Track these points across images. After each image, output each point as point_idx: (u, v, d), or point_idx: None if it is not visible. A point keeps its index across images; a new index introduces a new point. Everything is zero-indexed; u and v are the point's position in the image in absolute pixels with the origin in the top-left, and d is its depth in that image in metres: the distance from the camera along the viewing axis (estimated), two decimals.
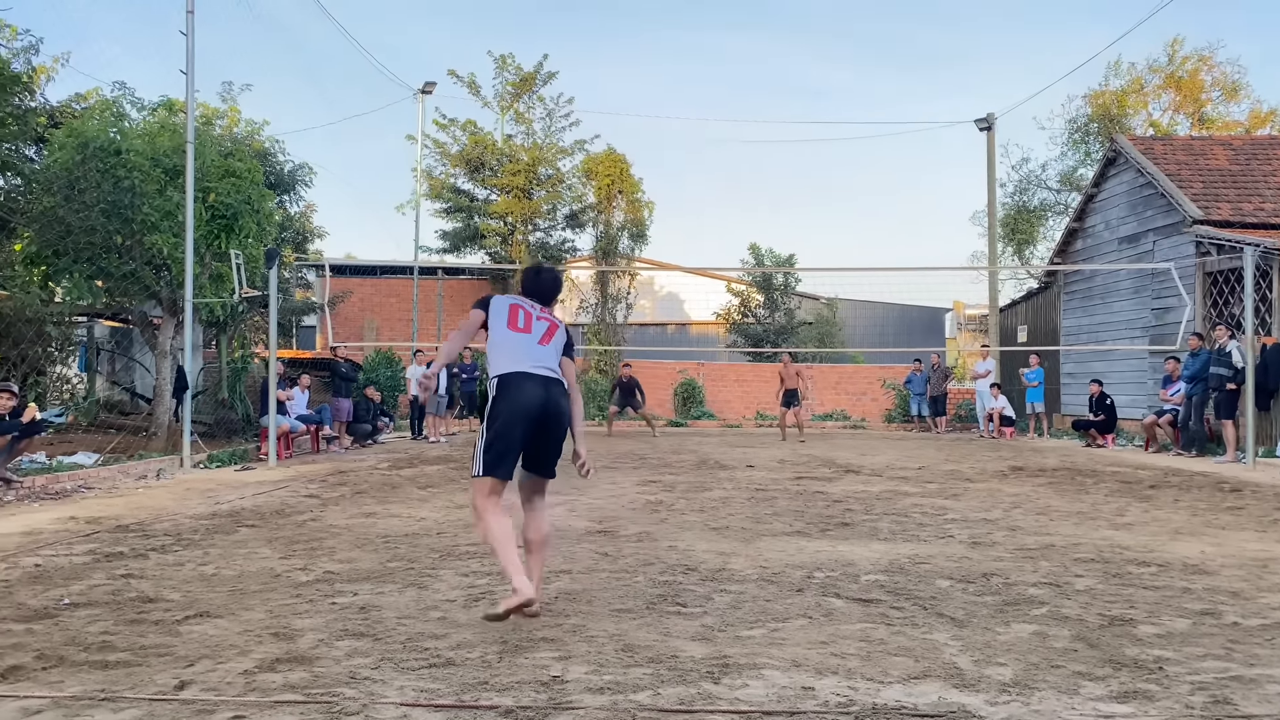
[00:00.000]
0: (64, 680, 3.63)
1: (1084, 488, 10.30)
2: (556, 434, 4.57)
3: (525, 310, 4.69)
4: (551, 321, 4.74)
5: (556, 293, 4.94)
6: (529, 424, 4.44)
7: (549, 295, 4.88)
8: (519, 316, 4.64)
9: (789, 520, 7.76)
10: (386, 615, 4.61)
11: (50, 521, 7.65)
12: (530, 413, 4.43)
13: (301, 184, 19.53)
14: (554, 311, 4.91)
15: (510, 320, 4.61)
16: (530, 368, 4.50)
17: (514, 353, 4.53)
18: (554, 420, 4.52)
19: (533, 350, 4.56)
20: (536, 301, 4.80)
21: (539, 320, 4.68)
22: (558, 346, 4.68)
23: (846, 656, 3.94)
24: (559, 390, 4.54)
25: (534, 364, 4.52)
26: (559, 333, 4.73)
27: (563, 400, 4.55)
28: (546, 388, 4.50)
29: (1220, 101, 30.26)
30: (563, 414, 4.54)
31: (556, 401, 4.51)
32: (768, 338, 29.17)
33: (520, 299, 4.75)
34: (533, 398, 4.44)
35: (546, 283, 4.91)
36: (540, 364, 4.54)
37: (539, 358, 4.55)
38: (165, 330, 14.68)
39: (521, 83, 26.77)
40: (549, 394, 4.49)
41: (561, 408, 4.53)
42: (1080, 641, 4.18)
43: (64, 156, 12.88)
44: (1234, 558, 6.19)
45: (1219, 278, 16.74)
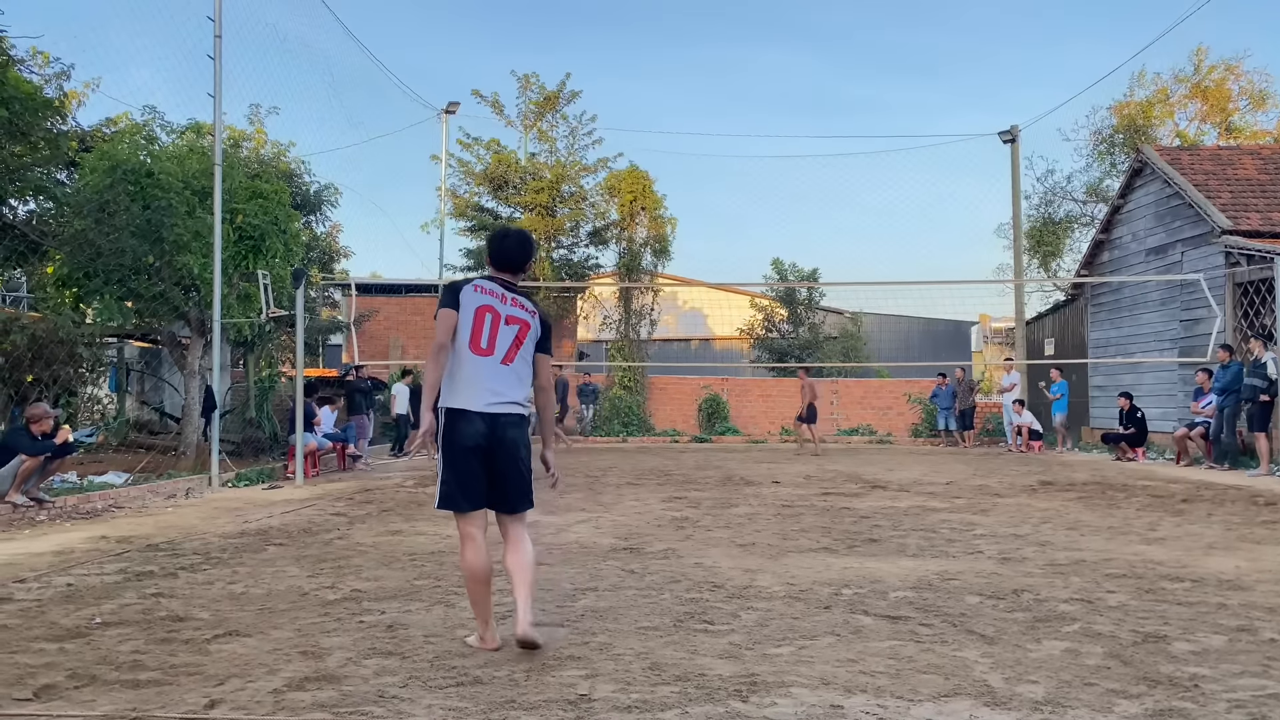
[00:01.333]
0: (96, 699, 3.66)
1: (1114, 502, 10.18)
2: (507, 469, 4.26)
3: (494, 312, 4.30)
4: (523, 321, 4.35)
5: (528, 257, 4.54)
6: (475, 459, 4.21)
7: (520, 261, 4.49)
8: (484, 326, 4.27)
9: (816, 536, 7.71)
10: (414, 634, 4.61)
11: (81, 541, 7.73)
12: (473, 450, 4.20)
13: (327, 204, 19.73)
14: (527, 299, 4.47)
15: (475, 333, 4.25)
16: (477, 405, 4.20)
17: (468, 382, 4.23)
18: (501, 455, 4.24)
19: (489, 378, 4.24)
20: (508, 272, 4.45)
21: (507, 325, 4.30)
22: (526, 356, 4.34)
23: (875, 674, 3.91)
24: (507, 423, 4.24)
25: (485, 398, 4.21)
26: (530, 335, 4.36)
27: (510, 432, 4.24)
28: (492, 425, 4.20)
29: (1248, 110, 29.95)
30: (512, 446, 4.25)
31: (502, 437, 4.22)
32: (792, 352, 29.09)
33: (491, 287, 4.35)
34: (474, 435, 4.19)
35: (514, 247, 4.49)
36: (493, 396, 4.23)
37: (494, 387, 4.23)
38: (194, 350, 14.84)
39: (545, 101, 26.93)
40: (494, 430, 4.20)
41: (507, 441, 4.23)
42: (1113, 659, 4.12)
43: (95, 180, 13.08)
44: (1270, 573, 6.09)
45: (1249, 288, 16.54)
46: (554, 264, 26.40)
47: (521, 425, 4.31)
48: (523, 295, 4.44)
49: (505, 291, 4.38)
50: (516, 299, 4.40)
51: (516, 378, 4.31)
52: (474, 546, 4.30)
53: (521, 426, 4.31)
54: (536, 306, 4.47)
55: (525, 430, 4.35)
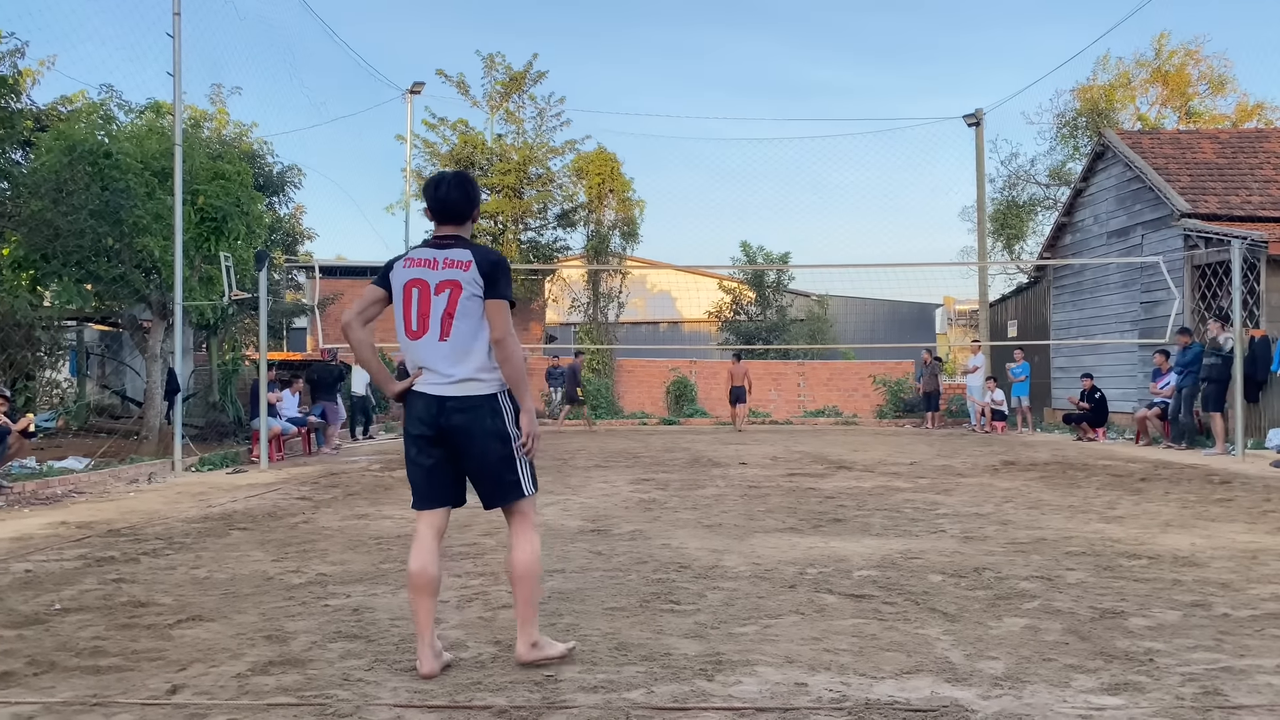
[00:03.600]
0: (55, 686, 3.62)
1: (1075, 481, 10.34)
2: (467, 458, 3.78)
3: (421, 285, 3.74)
4: (453, 282, 3.71)
5: (469, 201, 3.87)
6: (424, 449, 3.80)
7: (461, 207, 3.85)
8: (412, 304, 3.75)
9: (781, 517, 7.77)
10: (380, 617, 4.60)
11: (41, 527, 7.63)
12: (421, 438, 3.78)
13: (291, 186, 19.50)
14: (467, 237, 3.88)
15: (405, 314, 3.77)
16: (424, 387, 3.77)
17: (414, 365, 3.82)
18: (456, 443, 3.76)
19: (429, 360, 3.76)
20: (451, 224, 3.85)
21: (437, 294, 3.71)
22: (467, 320, 3.72)
23: (839, 652, 3.95)
24: (455, 407, 3.72)
25: (428, 380, 3.77)
26: (463, 294, 3.71)
27: (458, 417, 3.72)
28: (439, 410, 3.73)
29: (1207, 95, 30.39)
30: (464, 431, 3.73)
31: (451, 423, 3.72)
32: (760, 335, 29.21)
33: (422, 255, 3.77)
34: (420, 422, 3.77)
35: (451, 193, 3.84)
36: (437, 377, 3.75)
37: (436, 368, 3.75)
38: (155, 333, 14.63)
39: (511, 82, 26.75)
40: (440, 415, 3.73)
41: (459, 426, 3.72)
42: (1071, 634, 4.20)
43: (51, 160, 12.83)
44: (1224, 549, 6.22)
45: (1207, 270, 16.81)
46: (521, 246, 26.29)
47: (476, 407, 3.73)
48: (460, 247, 3.78)
49: (438, 253, 3.76)
50: (449, 257, 3.75)
51: (461, 351, 3.72)
52: (415, 546, 3.82)
53: (476, 409, 3.73)
54: (475, 253, 3.75)
55: (483, 412, 3.74)
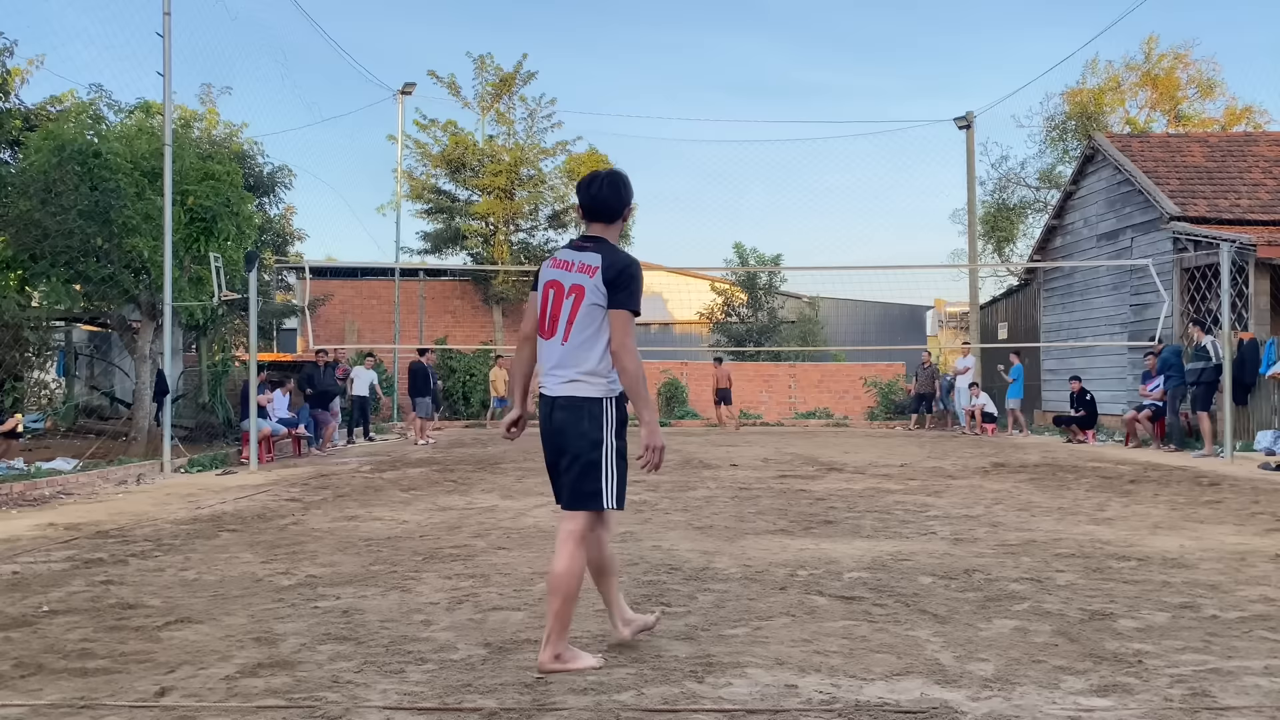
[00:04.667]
0: (43, 688, 3.60)
1: (1065, 483, 10.37)
2: (564, 454, 3.82)
3: (557, 286, 3.82)
4: (578, 287, 3.76)
5: (619, 203, 3.90)
6: (545, 446, 3.92)
7: (608, 209, 3.89)
8: (547, 306, 3.85)
9: (772, 519, 7.77)
10: (369, 619, 4.59)
11: (28, 528, 7.59)
12: (544, 433, 3.90)
13: (281, 186, 19.45)
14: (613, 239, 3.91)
15: (540, 315, 3.88)
16: (545, 388, 3.89)
17: (541, 364, 3.92)
18: (557, 441, 3.84)
19: (550, 360, 3.85)
20: (600, 222, 3.90)
21: (567, 297, 3.78)
22: (586, 326, 3.75)
23: (829, 654, 3.95)
24: (559, 405, 3.81)
25: (549, 381, 3.86)
26: (586, 299, 3.74)
27: (558, 415, 3.81)
28: (550, 409, 3.85)
29: (1196, 99, 30.52)
30: (558, 432, 3.81)
31: (553, 421, 3.83)
32: (751, 337, 29.23)
33: (564, 256, 3.85)
34: (543, 419, 3.91)
35: (600, 196, 3.88)
36: (555, 376, 3.84)
37: (556, 368, 3.83)
38: (144, 334, 14.58)
39: (501, 83, 26.73)
40: (550, 414, 3.85)
41: (555, 425, 3.82)
42: (1061, 636, 4.21)
43: (40, 159, 12.78)
44: (1212, 551, 6.25)
45: (1196, 273, 16.89)
46: (513, 248, 26.26)
47: (576, 408, 3.76)
48: (595, 250, 3.80)
49: (576, 256, 3.82)
50: (583, 261, 3.79)
51: (577, 355, 3.77)
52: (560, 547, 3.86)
53: (576, 409, 3.76)
54: (604, 258, 3.76)
55: (581, 413, 3.76)
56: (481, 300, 26.76)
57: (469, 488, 10.26)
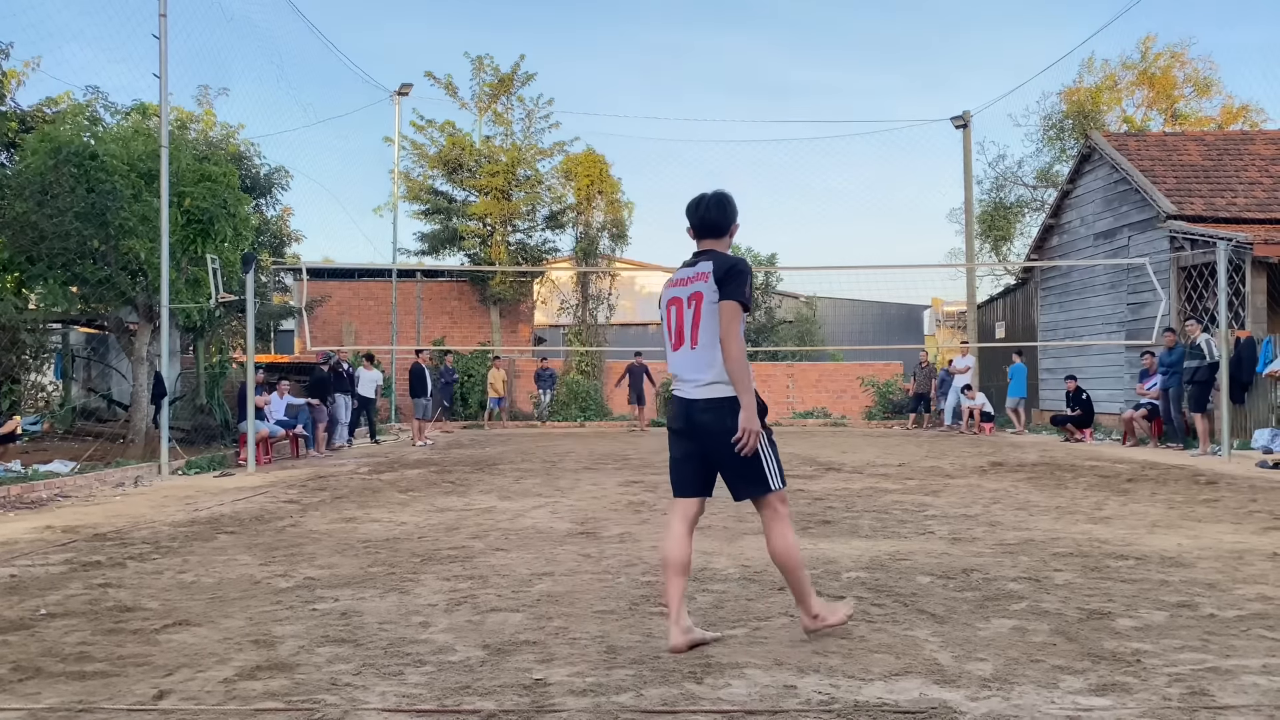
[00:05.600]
0: (41, 692, 3.59)
1: (1062, 482, 10.38)
2: (714, 454, 4.11)
3: (677, 303, 4.17)
4: (696, 294, 4.08)
5: (726, 221, 4.20)
6: (679, 445, 4.21)
7: (716, 227, 4.19)
8: (672, 322, 4.20)
9: None
10: (368, 621, 4.58)
11: (26, 531, 7.58)
12: (677, 434, 4.20)
13: (278, 187, 19.45)
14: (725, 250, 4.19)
15: (668, 332, 4.22)
16: (680, 390, 4.17)
17: (674, 371, 4.22)
18: (703, 441, 4.11)
19: (686, 367, 4.14)
20: (708, 238, 4.20)
21: (689, 307, 4.11)
22: (710, 328, 4.03)
23: (828, 654, 3.95)
24: (702, 406, 4.07)
25: (685, 386, 4.14)
26: (705, 303, 4.05)
27: (704, 415, 4.06)
28: (689, 410, 4.11)
29: (1193, 97, 30.57)
30: (708, 430, 4.06)
31: (699, 421, 4.08)
32: (748, 336, 29.22)
33: (679, 274, 4.20)
34: (676, 421, 4.19)
35: (708, 216, 4.20)
36: (689, 382, 4.12)
37: (690, 372, 4.12)
38: (142, 336, 14.57)
39: (499, 84, 26.72)
40: (690, 415, 4.10)
41: (703, 425, 4.06)
42: (1059, 635, 4.21)
43: (36, 161, 12.77)
44: (1210, 550, 6.25)
45: (1193, 272, 16.91)
46: (510, 248, 26.25)
47: (719, 407, 4.03)
48: (707, 259, 4.12)
49: (689, 270, 4.15)
50: (697, 270, 4.11)
51: (708, 356, 4.07)
52: (668, 532, 4.25)
53: (719, 409, 4.03)
54: (715, 261, 4.07)
55: (725, 411, 4.02)
56: (479, 301, 26.76)
57: (467, 489, 10.25)
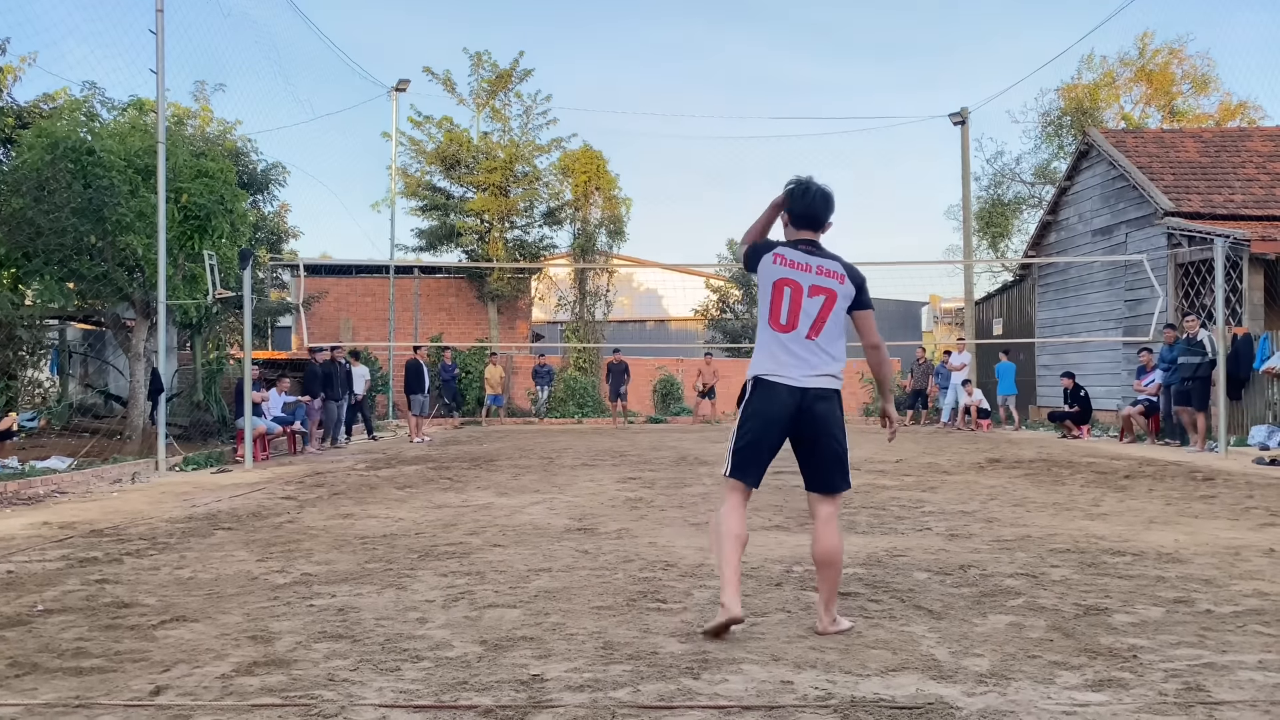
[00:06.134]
0: (37, 688, 3.59)
1: (1060, 479, 10.39)
2: (818, 444, 4.10)
3: (794, 285, 4.10)
4: (828, 291, 4.09)
5: (829, 214, 4.26)
6: (779, 435, 4.10)
7: (824, 217, 4.25)
8: (783, 301, 4.11)
9: (768, 515, 7.78)
10: (365, 617, 4.58)
11: (23, 527, 7.57)
12: (779, 423, 4.07)
13: (275, 184, 19.42)
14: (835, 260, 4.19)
15: (773, 308, 4.13)
16: (786, 377, 4.06)
17: (775, 354, 4.11)
18: (810, 430, 4.07)
19: (795, 352, 4.08)
20: (809, 230, 4.23)
21: (810, 297, 4.08)
22: (836, 326, 4.11)
23: (825, 650, 3.96)
24: (816, 396, 4.05)
25: (794, 371, 4.07)
26: (838, 303, 4.10)
27: (819, 405, 4.05)
28: (800, 399, 4.04)
29: (1190, 94, 30.58)
30: (822, 420, 4.06)
31: (811, 411, 4.04)
32: (746, 333, 29.23)
33: (793, 256, 4.14)
34: (781, 409, 4.05)
35: (817, 202, 4.21)
36: (800, 370, 4.07)
37: (803, 359, 4.07)
38: (139, 332, 14.56)
39: (497, 80, 26.69)
40: (801, 404, 4.04)
41: (817, 415, 4.05)
42: (1056, 631, 4.22)
43: (33, 157, 12.74)
44: (1207, 546, 6.26)
45: (1190, 269, 16.92)
46: (508, 244, 26.24)
47: (831, 399, 4.10)
48: (829, 258, 4.17)
49: (809, 259, 4.14)
50: (823, 265, 4.14)
51: (825, 350, 4.10)
52: (734, 508, 4.13)
53: (831, 400, 4.10)
54: (845, 267, 4.17)
55: (834, 403, 4.11)
56: (476, 297, 26.74)
57: (464, 485, 10.25)
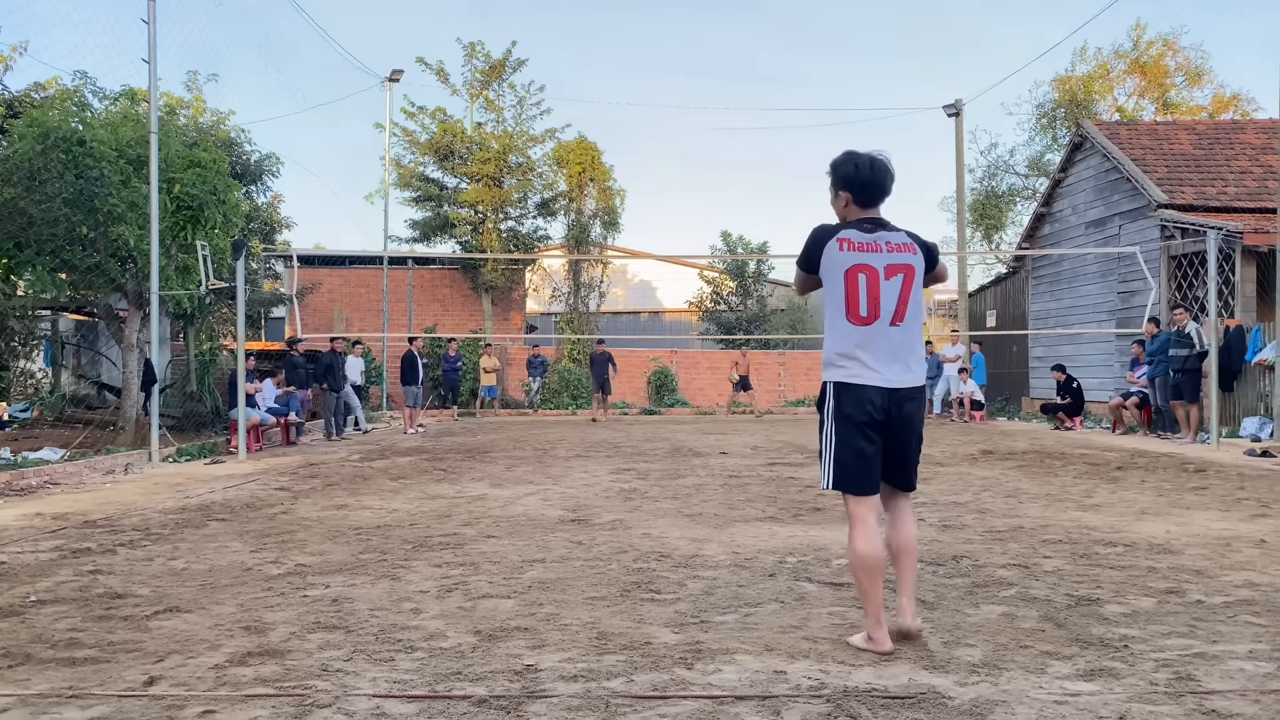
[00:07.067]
0: (30, 678, 3.59)
1: (1052, 470, 10.43)
2: (908, 445, 3.90)
3: (869, 270, 3.76)
4: (906, 267, 3.78)
5: (891, 183, 3.89)
6: (870, 437, 3.82)
7: (885, 192, 3.89)
8: (859, 290, 3.76)
9: (762, 506, 7.79)
10: (359, 607, 4.59)
11: (15, 518, 7.55)
12: (869, 425, 3.81)
13: (268, 174, 19.34)
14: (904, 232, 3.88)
15: (850, 300, 3.78)
16: (873, 377, 3.77)
17: (857, 354, 3.79)
18: (901, 430, 3.85)
19: (879, 342, 3.77)
20: (874, 207, 3.88)
21: (888, 279, 3.75)
22: (916, 307, 3.82)
23: (818, 640, 3.97)
24: (905, 396, 3.81)
25: (882, 370, 3.77)
26: (916, 279, 3.80)
27: (908, 406, 3.82)
28: (890, 399, 3.78)
29: (1184, 86, 30.61)
30: (909, 420, 3.84)
31: (901, 412, 3.81)
32: (740, 325, 29.25)
33: (860, 239, 3.80)
34: (873, 411, 3.79)
35: (881, 174, 3.86)
36: (891, 364, 3.78)
37: (890, 354, 3.78)
38: (131, 323, 14.50)
39: (491, 70, 26.59)
40: (891, 405, 3.79)
41: (906, 415, 3.82)
42: (1048, 622, 4.24)
43: (24, 147, 12.66)
44: (1198, 537, 6.29)
45: (1183, 261, 16.96)
46: (502, 236, 26.19)
47: (919, 396, 3.88)
48: (894, 230, 3.86)
49: (876, 237, 3.80)
50: (891, 240, 3.81)
51: (912, 338, 3.83)
52: (866, 531, 3.83)
53: (919, 398, 3.88)
54: (913, 236, 3.88)
55: (923, 401, 3.92)
56: (470, 289, 26.69)
57: (458, 476, 10.25)
